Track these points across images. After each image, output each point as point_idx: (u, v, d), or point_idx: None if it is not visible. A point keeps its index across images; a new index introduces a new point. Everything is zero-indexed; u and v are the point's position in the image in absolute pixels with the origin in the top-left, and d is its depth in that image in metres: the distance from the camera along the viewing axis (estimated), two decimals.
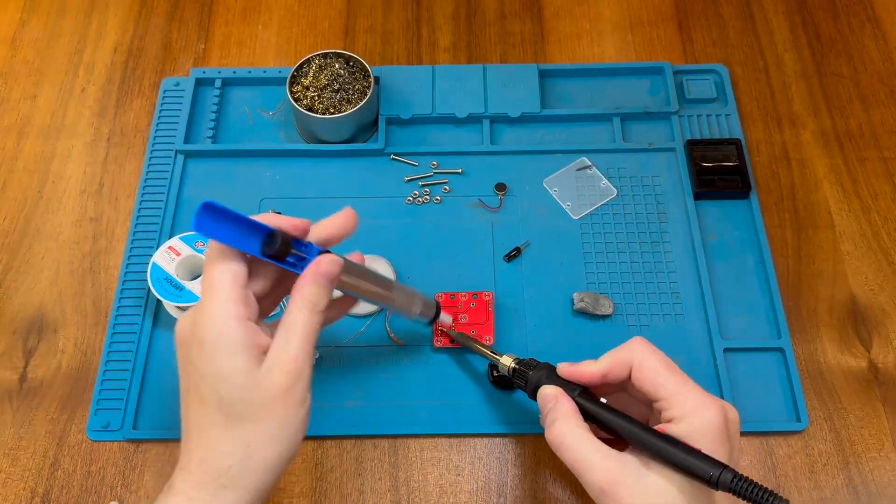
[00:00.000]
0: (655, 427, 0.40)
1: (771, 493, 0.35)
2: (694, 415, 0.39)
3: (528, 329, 0.55)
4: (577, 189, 0.61)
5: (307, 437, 0.51)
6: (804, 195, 0.62)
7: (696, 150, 0.62)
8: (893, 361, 0.55)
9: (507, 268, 0.58)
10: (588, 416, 0.42)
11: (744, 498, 0.35)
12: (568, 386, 0.43)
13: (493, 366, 0.53)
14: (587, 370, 0.43)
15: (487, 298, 0.55)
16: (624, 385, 0.44)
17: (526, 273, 0.58)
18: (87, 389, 0.54)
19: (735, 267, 0.58)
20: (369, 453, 0.51)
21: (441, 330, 0.54)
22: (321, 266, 0.40)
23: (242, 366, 0.37)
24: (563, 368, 0.44)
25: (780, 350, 0.54)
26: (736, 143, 0.62)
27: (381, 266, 0.57)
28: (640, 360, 0.42)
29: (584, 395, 0.43)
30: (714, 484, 0.36)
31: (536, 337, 0.55)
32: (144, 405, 0.53)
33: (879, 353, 0.55)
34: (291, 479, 0.51)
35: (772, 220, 0.60)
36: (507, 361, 0.47)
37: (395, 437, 0.52)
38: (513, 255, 0.58)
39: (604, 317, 0.56)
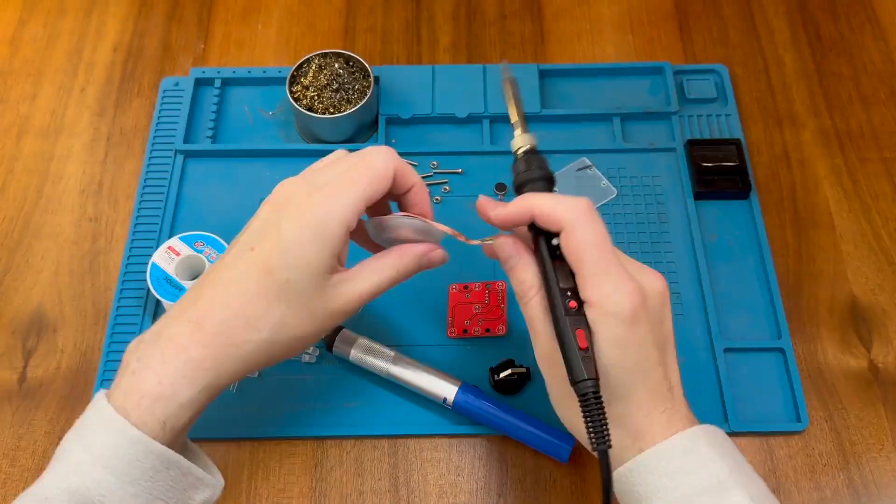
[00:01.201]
0: (568, 304, 0.38)
1: (601, 430, 0.36)
2: (602, 302, 0.37)
3: (527, 329, 0.55)
4: (578, 189, 0.61)
5: (307, 437, 0.51)
6: (804, 195, 0.62)
7: (697, 150, 0.62)
8: (894, 362, 0.55)
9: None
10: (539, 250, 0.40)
11: (584, 415, 0.36)
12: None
13: (494, 369, 0.52)
14: (508, 212, 0.41)
15: (501, 288, 0.55)
16: None
17: None
18: (87, 390, 0.54)
19: (735, 267, 0.58)
20: (369, 453, 0.51)
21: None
22: (434, 253, 0.44)
23: (325, 266, 0.39)
24: (481, 202, 0.42)
25: (781, 350, 0.54)
26: (736, 143, 0.62)
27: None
28: (571, 226, 0.38)
29: (547, 239, 0.40)
30: (574, 386, 0.37)
31: None
32: None
33: (880, 354, 0.55)
34: (291, 479, 0.51)
35: (772, 221, 0.60)
36: (520, 142, 0.42)
37: (395, 437, 0.52)
38: None
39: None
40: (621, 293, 0.37)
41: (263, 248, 0.39)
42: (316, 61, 0.62)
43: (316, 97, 0.61)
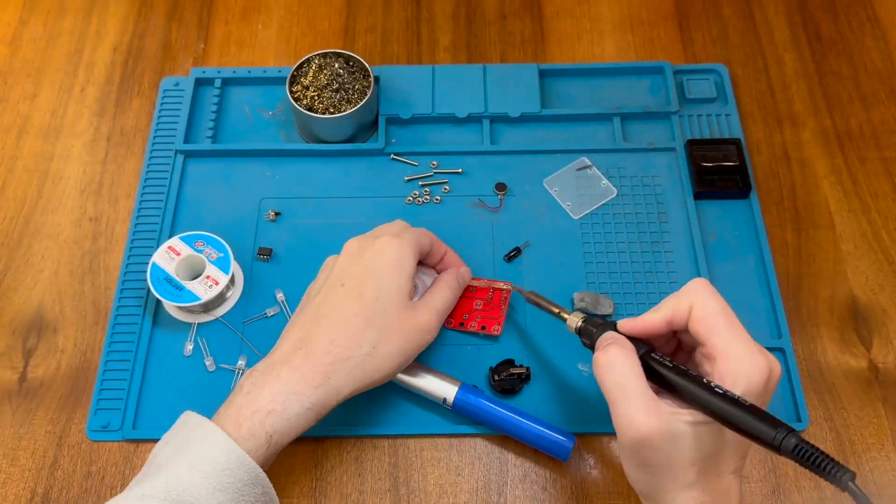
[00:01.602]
0: (712, 384, 0.38)
1: (835, 462, 0.34)
2: (739, 373, 0.38)
3: (527, 329, 0.55)
4: (578, 189, 0.61)
5: (307, 437, 0.51)
6: (804, 195, 0.62)
7: (697, 149, 0.62)
8: (894, 361, 0.55)
9: (508, 268, 0.58)
10: (651, 376, 0.41)
11: (806, 465, 0.34)
12: (632, 342, 0.42)
13: (494, 369, 0.53)
14: (650, 319, 0.42)
15: (505, 289, 0.55)
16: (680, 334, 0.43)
17: (526, 273, 0.57)
18: (87, 389, 0.54)
19: (735, 267, 0.58)
20: (369, 453, 0.51)
21: (493, 292, 0.55)
22: (462, 271, 0.54)
23: (405, 287, 0.48)
24: (624, 324, 0.43)
25: (781, 350, 0.54)
26: (736, 142, 0.62)
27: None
28: (700, 302, 0.40)
29: (648, 354, 0.41)
30: (776, 448, 0.35)
31: (536, 337, 0.55)
32: (144, 405, 0.53)
33: (880, 353, 0.55)
34: (291, 478, 0.51)
35: (772, 220, 0.60)
36: (573, 320, 0.48)
37: (395, 437, 0.52)
38: (513, 255, 0.58)
39: (604, 317, 0.56)
40: (756, 362, 0.38)
41: (353, 282, 0.47)
42: (316, 61, 0.62)
43: (316, 97, 0.61)
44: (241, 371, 0.54)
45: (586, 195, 0.61)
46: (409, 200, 0.61)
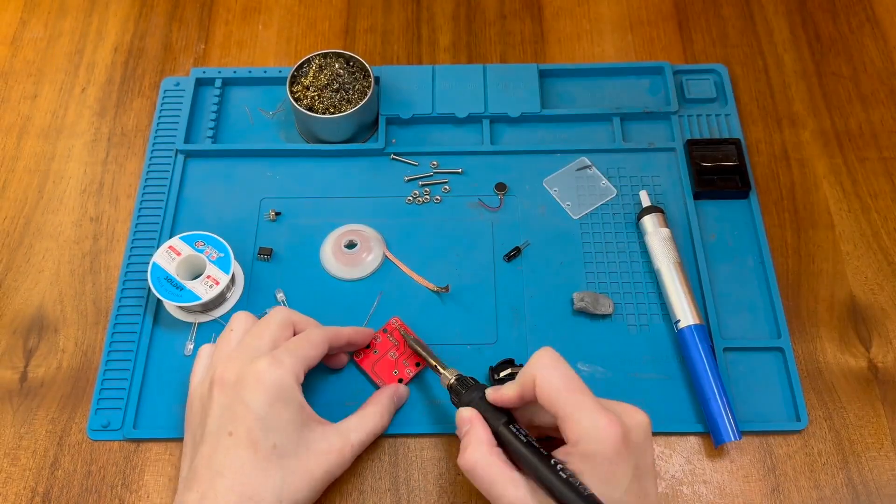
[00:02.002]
0: (553, 455, 0.40)
1: None
2: (587, 438, 0.39)
3: (527, 329, 0.55)
4: (577, 189, 0.61)
5: None
6: (804, 195, 0.62)
7: (696, 149, 0.62)
8: (893, 361, 0.55)
9: (507, 268, 0.58)
10: (504, 445, 0.42)
11: None
12: (495, 412, 0.44)
13: (494, 368, 0.53)
14: (506, 395, 0.44)
15: (397, 325, 0.54)
16: (532, 411, 0.45)
17: (526, 273, 0.58)
18: (88, 389, 0.54)
19: (735, 267, 0.58)
20: (369, 453, 0.51)
21: (384, 334, 0.54)
22: (400, 391, 0.51)
23: (298, 419, 0.44)
24: (490, 394, 0.45)
25: (780, 350, 0.54)
26: (736, 142, 0.62)
27: (368, 232, 0.58)
28: (540, 377, 0.41)
29: (508, 424, 0.43)
30: None
31: (536, 337, 0.55)
32: (145, 404, 0.53)
33: (879, 353, 0.55)
34: None
35: (771, 220, 0.60)
36: (448, 376, 0.48)
37: (395, 437, 0.52)
38: (513, 254, 0.58)
39: (604, 316, 0.56)
40: (601, 427, 0.39)
41: (240, 429, 0.42)
42: (316, 61, 0.62)
43: (316, 97, 0.61)
44: None
45: (586, 195, 0.61)
46: (409, 200, 0.61)
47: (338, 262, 0.57)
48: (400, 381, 0.52)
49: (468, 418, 0.44)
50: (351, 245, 0.57)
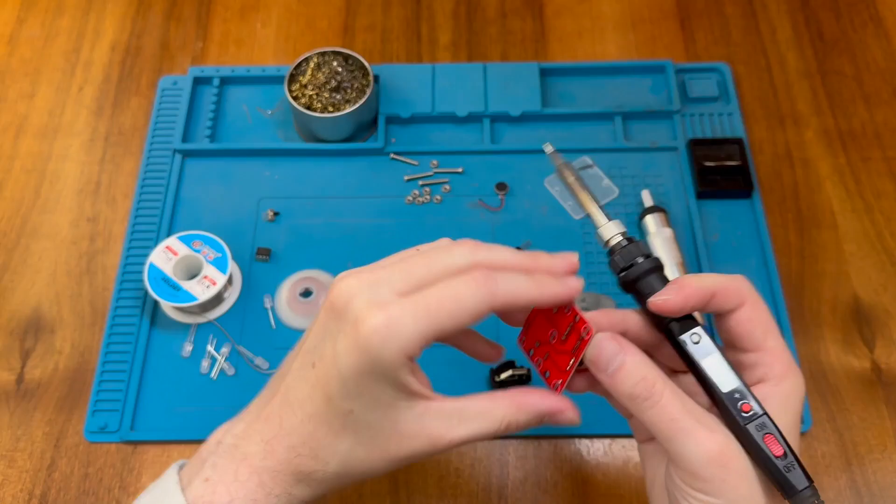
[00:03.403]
0: (752, 403, 0.33)
1: None
2: (787, 379, 0.34)
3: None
4: None
5: None
6: (807, 195, 0.61)
7: (699, 149, 0.61)
8: None
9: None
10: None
11: None
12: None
13: (495, 370, 0.52)
14: (695, 284, 0.34)
15: (583, 337, 0.36)
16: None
17: None
18: (85, 391, 0.53)
19: (737, 267, 0.57)
20: None
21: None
22: (564, 415, 0.37)
23: (389, 398, 0.34)
24: (665, 290, 0.35)
25: None
26: (738, 142, 0.62)
27: (324, 278, 0.55)
28: (754, 300, 0.34)
29: (684, 327, 0.34)
30: (790, 496, 0.31)
31: None
32: (142, 406, 0.53)
33: (882, 354, 0.55)
34: None
35: (774, 220, 0.60)
36: (609, 231, 0.37)
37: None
38: None
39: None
40: (798, 374, 0.34)
41: (322, 369, 0.34)
42: (314, 60, 0.62)
43: (315, 96, 0.61)
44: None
45: None
46: (409, 200, 0.60)
47: (293, 311, 0.55)
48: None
49: (617, 344, 0.34)
50: (306, 293, 0.56)
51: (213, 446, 0.37)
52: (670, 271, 0.55)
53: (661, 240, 0.56)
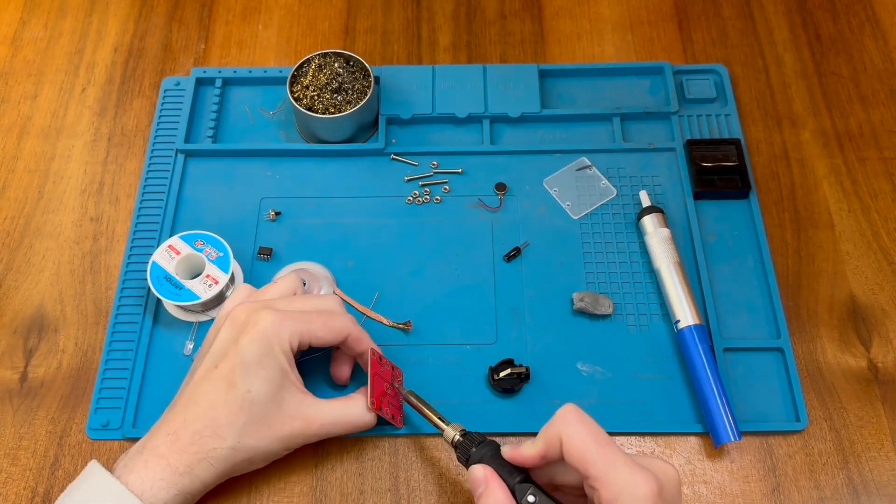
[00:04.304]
0: None
1: None
2: (624, 497, 0.37)
3: (527, 329, 0.55)
4: (577, 189, 0.61)
5: None
6: (804, 195, 0.62)
7: (696, 149, 0.62)
8: (893, 361, 0.55)
9: (507, 268, 0.58)
10: None
11: None
12: (509, 469, 0.42)
13: (494, 368, 0.53)
14: (526, 454, 0.41)
15: (396, 378, 0.51)
16: (552, 469, 0.42)
17: (526, 273, 0.58)
18: (88, 389, 0.54)
19: (735, 267, 0.58)
20: (369, 453, 0.51)
21: (387, 389, 0.50)
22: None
23: (277, 378, 0.46)
24: (507, 451, 0.43)
25: (780, 350, 0.54)
26: (736, 142, 0.62)
27: (317, 270, 0.57)
28: (568, 434, 0.39)
29: (526, 481, 0.41)
30: None
31: (536, 337, 0.55)
32: (144, 404, 0.53)
33: (879, 353, 0.55)
34: (292, 478, 0.51)
35: (771, 220, 0.60)
36: (451, 433, 0.45)
37: (395, 437, 0.52)
38: (513, 254, 0.58)
39: (604, 317, 0.56)
40: (638, 484, 0.37)
41: (226, 365, 0.45)
42: (316, 61, 0.62)
43: (316, 97, 0.61)
44: None
45: (586, 195, 0.61)
46: (409, 200, 0.61)
47: None
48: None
49: (483, 478, 0.42)
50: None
51: (121, 457, 0.46)
52: (668, 271, 0.55)
53: (658, 240, 0.57)
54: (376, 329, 0.55)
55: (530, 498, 0.40)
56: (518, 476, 0.42)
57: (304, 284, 0.55)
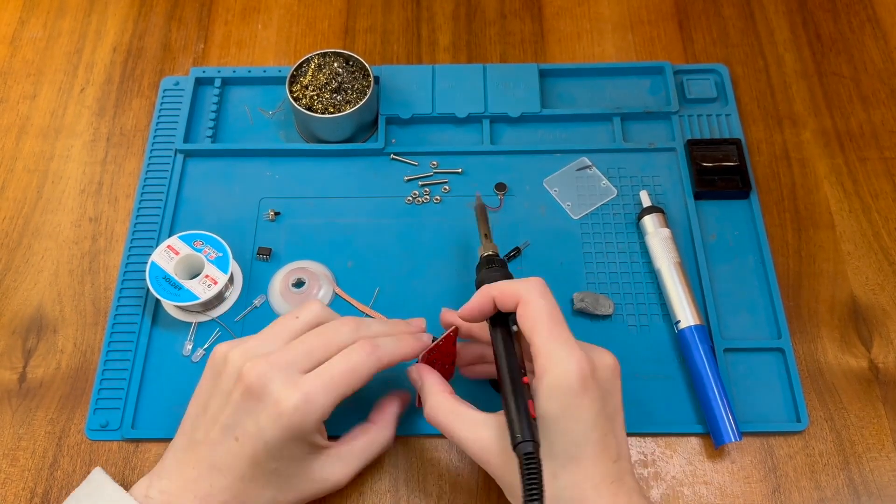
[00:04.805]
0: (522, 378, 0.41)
1: (534, 491, 0.36)
2: (555, 370, 0.39)
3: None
4: (578, 189, 0.61)
5: None
6: (805, 195, 0.62)
7: (697, 149, 0.61)
8: (894, 361, 0.55)
9: (508, 267, 0.58)
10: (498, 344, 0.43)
11: (522, 478, 0.36)
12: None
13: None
14: (481, 299, 0.44)
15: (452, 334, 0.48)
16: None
17: (526, 273, 0.57)
18: (87, 389, 0.54)
19: (735, 267, 0.58)
20: None
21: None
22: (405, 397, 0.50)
23: (306, 453, 0.43)
24: (446, 316, 0.47)
25: (781, 350, 0.54)
26: (736, 142, 0.62)
27: (316, 269, 0.57)
28: (527, 298, 0.41)
29: (500, 321, 0.44)
30: (514, 448, 0.38)
31: None
32: (143, 404, 0.53)
33: (880, 353, 0.55)
34: None
35: (772, 220, 0.60)
36: (482, 251, 0.50)
37: (396, 437, 0.52)
38: (513, 255, 0.58)
39: (604, 317, 0.56)
40: (570, 360, 0.39)
41: (247, 443, 0.42)
42: (315, 61, 0.62)
43: (315, 97, 0.61)
44: None
45: (586, 195, 0.61)
46: (409, 200, 0.61)
47: (286, 302, 0.55)
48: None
49: (416, 374, 0.46)
50: (299, 283, 0.56)
51: (141, 499, 0.43)
52: (669, 271, 0.55)
53: (658, 240, 0.56)
54: None
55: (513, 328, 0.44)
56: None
57: (303, 284, 0.55)
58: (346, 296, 0.56)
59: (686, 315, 0.53)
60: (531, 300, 0.41)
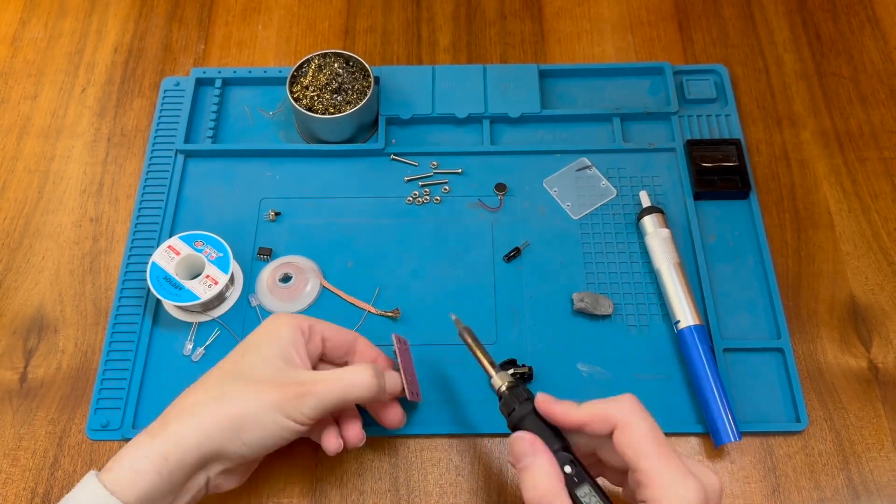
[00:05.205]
0: None
1: None
2: (669, 497, 0.36)
3: (527, 329, 0.55)
4: (577, 189, 0.61)
5: (308, 438, 0.51)
6: (804, 195, 0.62)
7: (696, 150, 0.62)
8: (893, 361, 0.55)
9: (507, 268, 0.58)
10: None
11: None
12: (549, 433, 0.40)
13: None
14: (566, 416, 0.40)
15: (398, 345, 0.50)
16: (600, 442, 0.41)
17: (526, 273, 0.58)
18: (87, 389, 0.54)
19: (735, 267, 0.58)
20: (369, 453, 0.51)
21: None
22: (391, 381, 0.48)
23: (275, 354, 0.45)
24: (542, 401, 0.41)
25: (780, 350, 0.54)
26: (736, 143, 0.62)
27: (302, 263, 0.57)
28: (626, 421, 0.38)
29: (565, 450, 0.40)
30: None
31: (536, 337, 0.55)
32: (144, 404, 0.53)
33: (879, 353, 0.55)
34: (292, 478, 0.51)
35: (772, 221, 0.60)
36: (498, 382, 0.44)
37: (395, 436, 0.52)
38: (512, 255, 0.58)
39: (604, 317, 0.56)
40: (687, 489, 0.36)
41: (231, 355, 0.46)
42: (315, 61, 0.62)
43: (316, 97, 0.61)
44: None
45: (586, 195, 0.61)
46: (409, 201, 0.61)
47: (274, 297, 0.56)
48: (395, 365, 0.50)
49: (530, 446, 0.40)
50: (286, 278, 0.56)
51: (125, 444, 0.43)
52: (668, 271, 0.55)
53: (658, 240, 0.57)
54: (374, 329, 0.55)
55: (582, 490, 0.39)
56: (558, 443, 0.40)
57: (291, 279, 0.55)
58: (333, 288, 0.56)
59: (686, 315, 0.53)
60: (631, 423, 0.38)
